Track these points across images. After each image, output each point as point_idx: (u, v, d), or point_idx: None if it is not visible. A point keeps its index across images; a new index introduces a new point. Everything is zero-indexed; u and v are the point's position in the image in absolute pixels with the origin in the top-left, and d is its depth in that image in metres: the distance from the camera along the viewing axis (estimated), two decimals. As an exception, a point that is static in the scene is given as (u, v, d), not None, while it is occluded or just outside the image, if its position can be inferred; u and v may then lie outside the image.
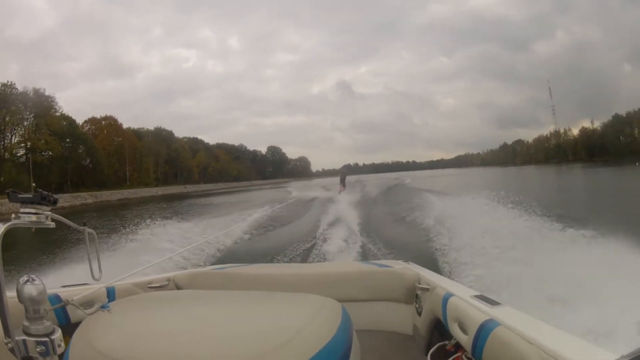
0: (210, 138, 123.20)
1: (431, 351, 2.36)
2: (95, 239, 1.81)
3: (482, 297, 2.18)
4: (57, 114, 73.61)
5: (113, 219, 24.98)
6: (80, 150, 76.75)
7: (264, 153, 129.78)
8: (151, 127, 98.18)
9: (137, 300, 1.98)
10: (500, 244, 7.59)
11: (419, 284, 2.90)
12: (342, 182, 34.39)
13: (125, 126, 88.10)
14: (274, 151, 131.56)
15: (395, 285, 3.02)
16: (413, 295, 2.96)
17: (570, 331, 1.52)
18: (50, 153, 69.58)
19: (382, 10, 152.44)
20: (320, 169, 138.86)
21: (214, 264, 7.37)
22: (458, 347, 2.19)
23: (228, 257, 8.93)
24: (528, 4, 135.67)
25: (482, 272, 6.57)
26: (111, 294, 2.53)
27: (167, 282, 3.01)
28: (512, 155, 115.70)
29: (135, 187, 79.12)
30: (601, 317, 4.40)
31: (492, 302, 2.06)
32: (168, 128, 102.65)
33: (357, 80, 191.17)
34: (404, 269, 3.11)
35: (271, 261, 8.44)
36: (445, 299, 2.38)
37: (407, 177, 52.99)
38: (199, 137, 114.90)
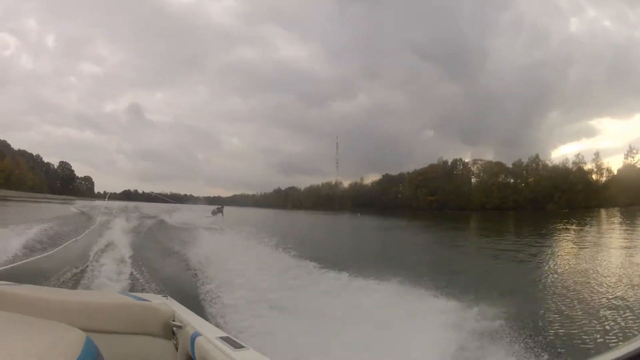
0: (11, 140, 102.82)
1: None
2: None
3: (227, 339, 2.23)
4: None
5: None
6: None
7: (55, 167, 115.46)
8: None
9: None
10: (260, 284, 8.09)
11: (174, 320, 2.90)
12: (216, 214, 28.96)
13: None
14: (64, 167, 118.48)
15: (151, 320, 2.94)
16: (170, 331, 2.92)
17: None
18: None
19: (191, 42, 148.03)
20: (102, 191, 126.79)
21: None
22: None
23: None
24: (339, 65, 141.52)
25: (238, 312, 6.79)
26: None
27: None
28: (284, 199, 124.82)
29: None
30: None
31: (237, 345, 2.12)
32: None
33: (151, 106, 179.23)
34: (160, 305, 3.05)
35: (45, 282, 8.01)
36: (193, 338, 2.40)
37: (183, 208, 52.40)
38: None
